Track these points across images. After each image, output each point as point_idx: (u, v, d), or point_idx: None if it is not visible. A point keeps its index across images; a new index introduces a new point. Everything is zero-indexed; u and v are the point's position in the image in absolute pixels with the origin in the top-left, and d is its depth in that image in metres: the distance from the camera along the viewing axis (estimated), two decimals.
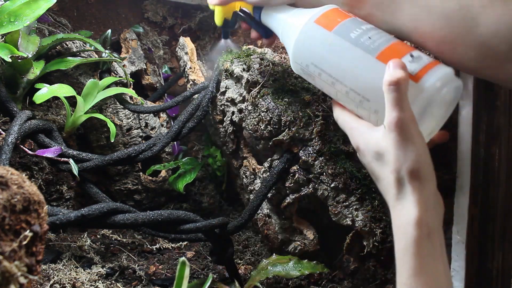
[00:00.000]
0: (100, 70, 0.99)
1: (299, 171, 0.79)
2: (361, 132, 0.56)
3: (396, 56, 0.54)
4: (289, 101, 0.78)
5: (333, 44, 0.58)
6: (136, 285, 0.79)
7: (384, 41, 0.56)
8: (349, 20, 0.59)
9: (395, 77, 0.50)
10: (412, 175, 0.49)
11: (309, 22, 0.61)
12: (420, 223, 0.48)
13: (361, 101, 0.56)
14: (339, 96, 0.60)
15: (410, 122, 0.50)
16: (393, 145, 0.50)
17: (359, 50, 0.56)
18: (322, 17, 0.60)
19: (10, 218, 0.37)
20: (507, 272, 0.67)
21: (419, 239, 0.48)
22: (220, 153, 1.03)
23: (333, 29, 0.58)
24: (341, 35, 0.58)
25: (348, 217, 0.75)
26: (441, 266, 0.48)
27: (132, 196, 1.03)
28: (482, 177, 0.65)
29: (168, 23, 1.21)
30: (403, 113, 0.49)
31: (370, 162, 0.54)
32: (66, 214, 0.66)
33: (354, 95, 0.57)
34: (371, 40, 0.56)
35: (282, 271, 0.77)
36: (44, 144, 0.82)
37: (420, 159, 0.49)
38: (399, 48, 0.56)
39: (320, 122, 0.75)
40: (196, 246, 0.95)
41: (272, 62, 0.83)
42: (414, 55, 0.54)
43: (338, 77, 0.58)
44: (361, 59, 0.56)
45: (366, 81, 0.55)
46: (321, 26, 0.60)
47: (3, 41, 0.80)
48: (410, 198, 0.49)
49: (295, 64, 0.65)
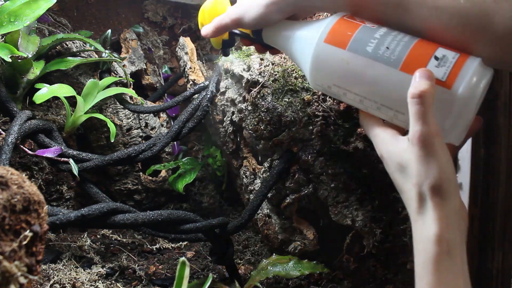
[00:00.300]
0: (100, 70, 0.99)
1: (299, 171, 0.79)
2: (385, 141, 0.55)
3: (420, 63, 0.51)
4: (289, 101, 0.78)
5: (351, 63, 0.54)
6: (136, 285, 0.79)
7: (404, 48, 0.52)
8: (360, 30, 0.55)
9: (418, 89, 0.48)
10: (433, 191, 0.48)
11: (319, 43, 0.56)
12: (440, 240, 0.47)
13: (396, 115, 0.54)
14: (370, 111, 0.56)
15: (434, 136, 0.48)
16: (415, 160, 0.49)
17: (380, 65, 0.52)
18: (331, 34, 0.56)
19: (10, 218, 0.37)
20: (507, 272, 0.67)
21: (439, 256, 0.47)
22: (220, 153, 1.03)
23: (347, 46, 0.54)
24: (357, 51, 0.54)
25: (348, 217, 0.75)
26: (461, 282, 0.47)
27: (132, 196, 1.03)
28: (482, 177, 0.65)
29: (168, 23, 1.21)
30: (427, 127, 0.48)
31: (393, 172, 0.53)
32: (66, 214, 0.66)
33: (387, 110, 0.54)
34: (389, 50, 0.52)
35: (282, 271, 0.77)
36: (44, 144, 0.82)
37: (443, 175, 0.48)
38: (421, 52, 0.52)
39: (320, 122, 0.75)
40: (196, 246, 0.95)
41: (272, 62, 0.83)
42: (439, 56, 0.51)
43: (365, 95, 0.55)
44: (384, 74, 0.52)
45: (395, 95, 0.52)
46: (333, 45, 0.55)
47: (3, 41, 0.80)
48: (431, 214, 0.48)
49: (315, 85, 0.60)
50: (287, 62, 0.83)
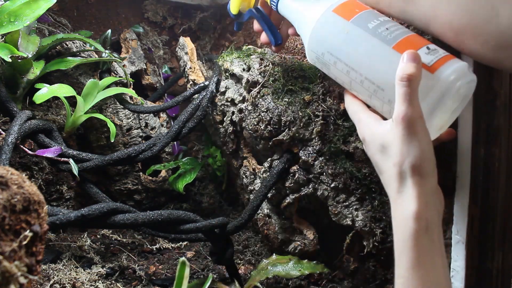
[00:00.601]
0: (100, 70, 0.99)
1: (299, 171, 0.79)
2: (369, 124, 0.57)
3: (413, 47, 0.54)
4: (289, 101, 0.78)
5: (350, 33, 0.59)
6: (136, 285, 0.79)
7: (401, 33, 0.57)
8: (367, 11, 0.60)
9: (407, 72, 0.50)
10: (414, 170, 0.50)
11: (327, 11, 0.61)
12: (419, 217, 0.49)
13: (376, 91, 0.57)
14: (353, 85, 0.60)
15: (418, 118, 0.50)
16: (398, 139, 0.51)
17: (376, 40, 0.57)
18: (341, 6, 0.61)
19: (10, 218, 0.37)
20: (507, 272, 0.67)
21: (418, 233, 0.49)
22: (220, 153, 1.03)
23: (351, 19, 0.59)
24: (358, 24, 0.59)
25: (348, 217, 0.75)
26: (439, 260, 0.49)
27: (132, 196, 1.02)
28: (482, 177, 0.65)
29: (168, 23, 1.21)
30: (411, 108, 0.50)
31: (374, 154, 0.55)
32: (66, 214, 0.66)
33: (369, 84, 0.57)
34: (388, 31, 0.57)
35: (282, 271, 0.77)
36: (44, 144, 0.82)
37: (423, 155, 0.50)
38: (416, 40, 0.56)
39: (320, 122, 0.75)
40: (196, 246, 0.95)
41: (272, 62, 0.83)
42: (431, 47, 0.55)
43: (353, 66, 0.59)
44: (377, 48, 0.56)
45: (382, 71, 0.56)
46: (339, 15, 0.60)
47: (3, 41, 0.80)
48: (411, 192, 0.50)
49: (310, 52, 0.65)
50: (287, 62, 0.83)
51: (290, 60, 0.84)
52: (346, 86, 0.63)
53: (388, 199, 0.72)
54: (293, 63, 0.82)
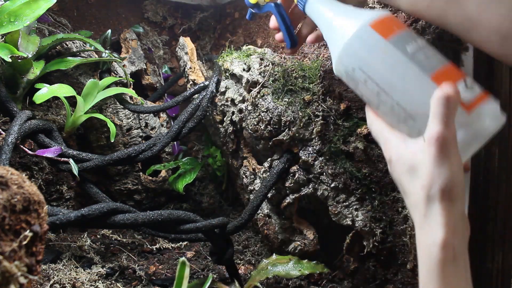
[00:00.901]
0: (100, 70, 0.99)
1: (299, 171, 0.79)
2: (396, 144, 0.55)
3: (451, 79, 0.52)
4: (289, 101, 0.78)
5: (387, 53, 0.56)
6: (136, 285, 0.79)
7: (439, 62, 0.55)
8: (406, 32, 0.58)
9: (447, 93, 0.48)
10: (443, 194, 0.48)
11: (364, 25, 0.58)
12: (446, 245, 0.47)
13: (406, 119, 0.55)
14: (381, 108, 0.58)
15: (452, 141, 0.48)
16: (429, 160, 0.48)
17: (414, 67, 0.54)
18: (379, 22, 0.58)
19: (10, 218, 0.37)
20: (507, 272, 0.67)
21: (444, 262, 0.47)
22: (220, 153, 1.03)
23: (390, 38, 0.56)
24: (397, 46, 0.56)
25: (348, 217, 0.75)
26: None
27: (132, 196, 1.03)
28: (482, 177, 0.65)
29: (168, 23, 1.21)
30: (447, 129, 0.48)
31: (400, 174, 0.53)
32: (66, 214, 0.66)
33: (400, 110, 0.55)
34: (426, 58, 0.55)
35: (282, 271, 0.77)
36: (44, 144, 0.82)
37: (454, 179, 0.48)
38: (454, 72, 0.54)
39: (320, 122, 0.75)
40: (196, 246, 0.95)
41: (272, 62, 0.83)
42: (468, 82, 0.53)
43: (386, 89, 0.56)
44: (415, 76, 0.54)
45: (416, 99, 0.54)
46: (377, 32, 0.57)
47: (3, 41, 0.80)
48: (438, 218, 0.48)
49: (339, 65, 0.62)
50: (287, 62, 0.83)
51: (290, 60, 0.84)
52: (371, 105, 0.60)
53: (388, 199, 0.73)
54: (293, 63, 0.82)
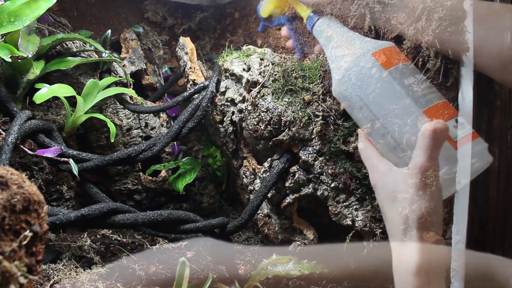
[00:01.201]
0: (100, 70, 0.99)
1: (299, 171, 0.79)
2: (382, 171, 0.56)
3: (443, 116, 0.54)
4: (289, 101, 0.78)
5: (385, 83, 0.57)
6: (136, 285, 0.79)
7: (434, 98, 0.56)
8: (406, 64, 0.59)
9: (435, 126, 0.50)
10: (420, 223, 0.50)
11: (367, 53, 0.60)
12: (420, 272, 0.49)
13: (395, 148, 0.56)
14: (373, 134, 0.59)
15: (434, 172, 0.50)
16: (410, 189, 0.50)
17: (409, 100, 0.56)
18: (381, 52, 0.59)
19: (10, 218, 0.37)
20: None
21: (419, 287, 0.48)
22: (220, 153, 1.03)
23: (389, 69, 0.58)
24: (395, 77, 0.57)
25: (348, 217, 0.75)
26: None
27: (132, 196, 1.02)
28: (482, 177, 0.65)
29: (168, 23, 1.21)
30: (430, 161, 0.50)
31: (382, 200, 0.55)
32: (66, 214, 0.66)
33: (391, 140, 0.57)
34: (422, 92, 0.56)
35: (282, 271, 0.77)
36: (44, 144, 0.82)
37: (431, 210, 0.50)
38: (447, 109, 0.56)
39: (320, 122, 0.75)
40: (196, 246, 0.95)
41: (272, 62, 0.83)
42: (459, 121, 0.55)
43: (379, 117, 0.58)
44: (408, 109, 0.55)
45: (407, 131, 0.55)
46: (377, 61, 0.59)
47: (3, 41, 0.80)
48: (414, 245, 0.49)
49: (338, 88, 0.63)
50: (287, 62, 0.83)
51: (290, 60, 0.84)
52: (364, 131, 0.61)
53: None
54: (293, 63, 0.82)
